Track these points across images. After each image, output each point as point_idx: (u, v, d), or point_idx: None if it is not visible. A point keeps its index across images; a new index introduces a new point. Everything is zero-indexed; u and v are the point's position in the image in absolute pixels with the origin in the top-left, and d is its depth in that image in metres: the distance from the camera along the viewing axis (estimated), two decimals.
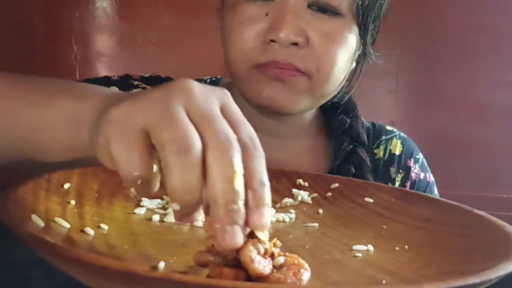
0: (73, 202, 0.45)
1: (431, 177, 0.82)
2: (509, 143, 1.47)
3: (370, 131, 0.81)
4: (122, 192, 0.50)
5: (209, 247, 0.33)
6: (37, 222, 0.36)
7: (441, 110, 1.49)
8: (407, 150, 0.81)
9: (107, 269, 0.27)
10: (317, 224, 0.49)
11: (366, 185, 0.60)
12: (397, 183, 0.78)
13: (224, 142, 0.31)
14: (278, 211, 0.53)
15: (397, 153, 0.80)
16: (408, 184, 0.79)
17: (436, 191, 0.82)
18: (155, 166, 0.33)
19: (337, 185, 0.60)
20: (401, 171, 0.79)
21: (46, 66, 1.38)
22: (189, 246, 0.39)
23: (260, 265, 0.32)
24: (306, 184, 0.61)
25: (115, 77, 0.74)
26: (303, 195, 0.58)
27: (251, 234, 0.33)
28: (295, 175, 0.63)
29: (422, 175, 0.80)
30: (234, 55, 0.64)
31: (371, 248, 0.43)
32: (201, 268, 0.33)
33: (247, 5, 0.63)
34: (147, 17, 1.43)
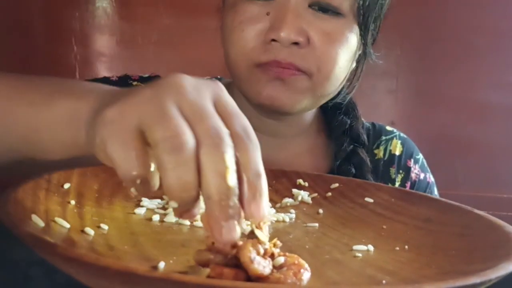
0: (73, 202, 0.45)
1: (431, 178, 0.82)
2: (509, 143, 1.47)
3: (370, 132, 0.81)
4: (122, 192, 0.50)
5: (210, 245, 0.33)
6: (37, 222, 0.36)
7: (441, 110, 1.49)
8: (407, 150, 0.81)
9: (107, 269, 0.27)
10: (317, 224, 0.49)
11: (366, 185, 0.60)
12: (397, 183, 0.78)
13: (215, 138, 0.31)
14: (278, 211, 0.53)
15: (397, 153, 0.80)
16: (408, 184, 0.79)
17: (436, 191, 0.82)
18: (152, 165, 0.33)
19: (337, 185, 0.60)
20: (401, 171, 0.79)
21: (46, 66, 1.38)
22: (189, 246, 0.39)
23: (260, 265, 0.32)
24: (306, 184, 0.61)
25: (114, 78, 0.74)
26: (303, 195, 0.58)
27: (251, 235, 0.33)
28: (295, 175, 0.63)
29: (422, 175, 0.80)
30: (235, 54, 0.64)
31: (371, 248, 0.43)
32: (201, 267, 0.33)
33: (248, 4, 0.63)
34: (147, 17, 1.43)
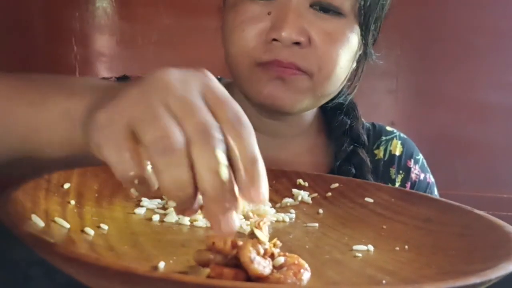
0: (73, 202, 0.45)
1: (431, 178, 0.82)
2: (509, 143, 1.47)
3: (370, 132, 0.81)
4: (122, 192, 0.50)
5: (210, 245, 0.33)
6: (37, 222, 0.36)
7: (441, 110, 1.48)
8: (407, 150, 0.81)
9: (107, 269, 0.27)
10: (317, 224, 0.49)
11: (366, 185, 0.60)
12: (397, 183, 0.78)
13: (204, 133, 0.31)
14: (278, 211, 0.53)
15: (397, 153, 0.80)
16: (408, 184, 0.79)
17: (436, 191, 0.82)
18: (149, 164, 0.33)
19: (337, 185, 0.60)
20: (401, 171, 0.79)
21: (46, 66, 1.38)
22: (189, 246, 0.39)
23: (260, 265, 0.32)
24: (306, 184, 0.61)
25: (113, 79, 0.74)
26: (303, 195, 0.58)
27: (251, 235, 0.33)
28: (295, 175, 0.63)
29: (422, 176, 0.80)
30: (236, 53, 0.64)
31: (371, 248, 0.43)
32: (201, 267, 0.33)
33: (249, 4, 0.63)
34: (147, 17, 1.43)
